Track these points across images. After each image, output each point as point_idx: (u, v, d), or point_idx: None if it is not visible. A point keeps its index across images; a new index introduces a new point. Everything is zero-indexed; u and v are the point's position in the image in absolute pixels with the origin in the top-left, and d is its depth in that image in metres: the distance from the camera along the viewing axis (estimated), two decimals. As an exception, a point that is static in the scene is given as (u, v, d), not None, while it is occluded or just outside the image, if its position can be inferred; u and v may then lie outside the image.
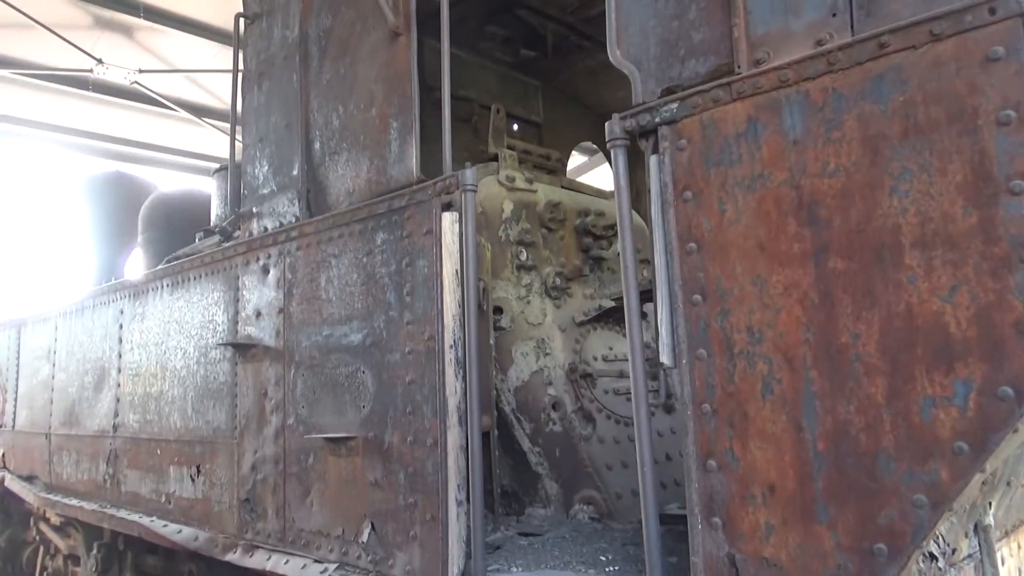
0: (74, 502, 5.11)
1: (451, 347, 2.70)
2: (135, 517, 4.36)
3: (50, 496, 5.44)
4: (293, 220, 3.53)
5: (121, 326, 4.88)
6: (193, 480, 4.00)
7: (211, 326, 3.98)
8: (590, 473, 3.45)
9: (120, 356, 4.84)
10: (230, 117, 4.22)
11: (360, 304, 3.08)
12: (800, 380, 1.91)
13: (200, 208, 7.47)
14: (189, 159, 13.23)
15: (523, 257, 3.84)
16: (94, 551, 5.32)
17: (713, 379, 2.08)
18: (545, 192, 4.10)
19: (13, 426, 6.35)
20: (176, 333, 4.27)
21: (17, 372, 6.40)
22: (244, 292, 3.76)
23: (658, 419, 3.98)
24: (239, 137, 4.03)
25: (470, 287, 2.64)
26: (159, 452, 4.30)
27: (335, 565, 2.98)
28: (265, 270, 3.64)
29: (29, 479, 6.03)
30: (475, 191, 2.70)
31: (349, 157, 3.30)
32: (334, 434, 3.08)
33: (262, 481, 3.49)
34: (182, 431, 4.12)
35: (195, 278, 4.18)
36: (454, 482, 2.62)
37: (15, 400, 6.38)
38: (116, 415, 4.79)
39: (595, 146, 6.73)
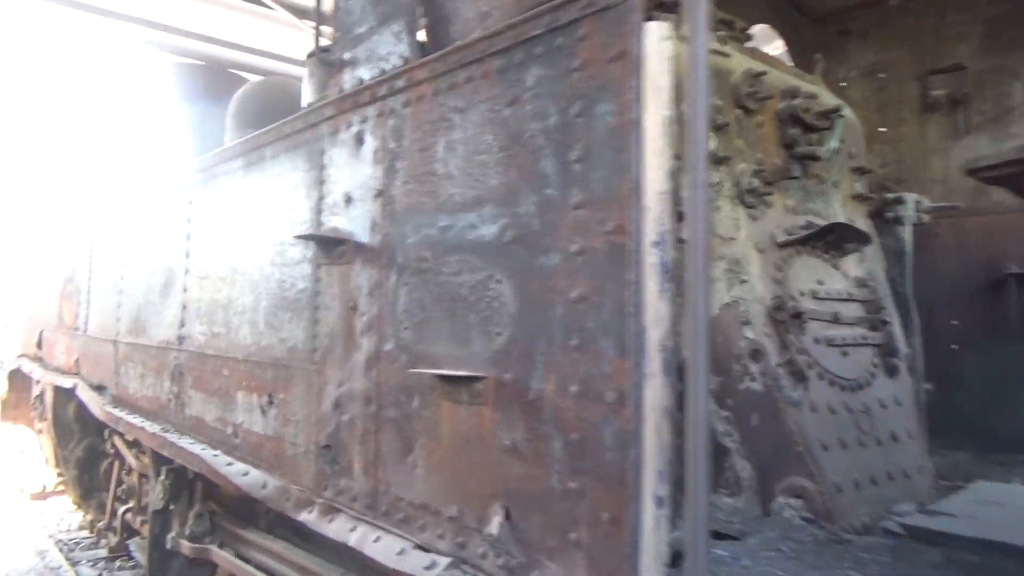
0: (138, 421, 4.42)
1: (655, 245, 1.63)
2: (198, 449, 3.58)
3: (115, 411, 4.79)
4: (399, 64, 2.49)
5: (189, 219, 4.03)
6: (264, 412, 3.14)
7: (289, 216, 3.04)
8: (800, 453, 2.37)
9: (187, 255, 4.01)
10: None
11: (496, 180, 2.04)
12: None
13: (294, 101, 6.61)
14: (280, 63, 12.34)
15: (711, 144, 2.69)
16: (162, 476, 4.66)
17: None
18: (741, 60, 2.90)
19: (85, 330, 5.76)
20: (250, 226, 3.37)
21: (90, 272, 5.76)
22: (330, 170, 2.78)
23: (878, 383, 2.86)
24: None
25: (698, 145, 1.54)
26: (226, 373, 3.47)
27: (447, 561, 2.04)
28: (358, 139, 2.63)
29: (99, 389, 5.42)
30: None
31: (485, -37, 2.20)
32: (451, 371, 2.10)
33: (348, 425, 2.58)
34: (252, 349, 3.26)
35: (272, 155, 3.24)
36: (652, 466, 1.59)
37: (87, 302, 5.76)
38: (182, 325, 4.00)
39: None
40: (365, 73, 2.65)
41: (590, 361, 1.72)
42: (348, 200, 2.66)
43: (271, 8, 10.60)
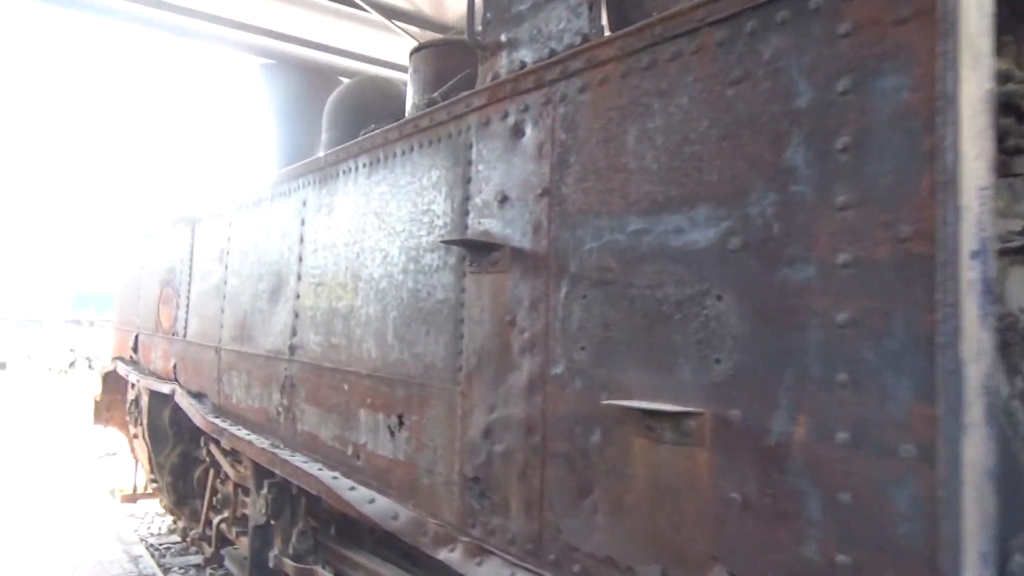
0: (243, 434, 4.22)
1: (975, 256, 1.25)
2: (314, 469, 3.33)
3: (217, 421, 4.62)
4: (576, 43, 2.16)
5: (303, 221, 3.81)
6: (393, 433, 2.86)
7: (426, 219, 2.75)
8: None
9: (300, 260, 3.79)
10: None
11: (715, 175, 1.68)
12: None
13: (396, 100, 6.41)
14: (373, 66, 12.23)
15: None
16: (264, 491, 4.46)
17: None
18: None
19: (184, 335, 5.64)
20: (374, 229, 3.10)
21: (190, 275, 5.65)
22: (479, 167, 2.48)
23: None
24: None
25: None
26: (346, 388, 3.21)
27: (651, 632, 1.69)
28: (517, 130, 2.32)
29: (198, 396, 5.29)
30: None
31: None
32: (654, 404, 1.75)
33: (503, 456, 2.26)
34: (378, 364, 2.98)
35: (403, 152, 2.96)
36: (974, 547, 1.21)
37: (187, 306, 5.65)
38: (294, 334, 3.77)
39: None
40: (528, 55, 2.33)
41: (870, 403, 1.35)
42: (503, 200, 2.35)
43: (363, 9, 10.49)
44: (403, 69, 8.76)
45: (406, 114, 4.25)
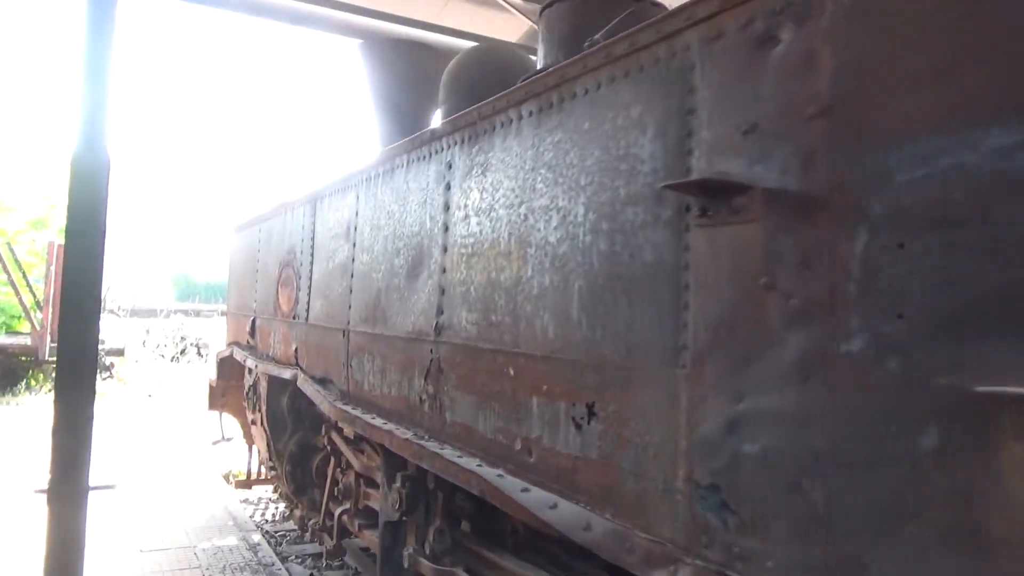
0: (379, 422, 3.85)
1: None
2: (471, 465, 2.90)
3: (347, 408, 4.28)
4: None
5: (448, 186, 3.38)
6: (579, 426, 2.38)
7: (624, 166, 2.25)
8: None
9: (446, 229, 3.36)
10: None
11: None
12: None
13: (518, 65, 5.96)
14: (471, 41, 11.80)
15: None
16: (397, 483, 4.09)
17: None
18: None
19: (307, 318, 5.36)
20: (548, 186, 2.62)
21: (312, 255, 5.36)
22: (705, 93, 1.96)
23: None
24: None
25: None
26: (512, 372, 2.76)
27: None
28: (768, 39, 1.78)
29: (322, 382, 4.99)
30: None
31: None
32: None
33: (759, 459, 1.73)
34: (558, 344, 2.51)
35: (586, 91, 2.47)
36: None
37: (309, 288, 5.37)
38: (440, 312, 3.35)
39: None
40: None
41: None
42: (750, 129, 1.82)
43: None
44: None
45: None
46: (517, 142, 2.84)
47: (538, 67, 4.41)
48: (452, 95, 5.75)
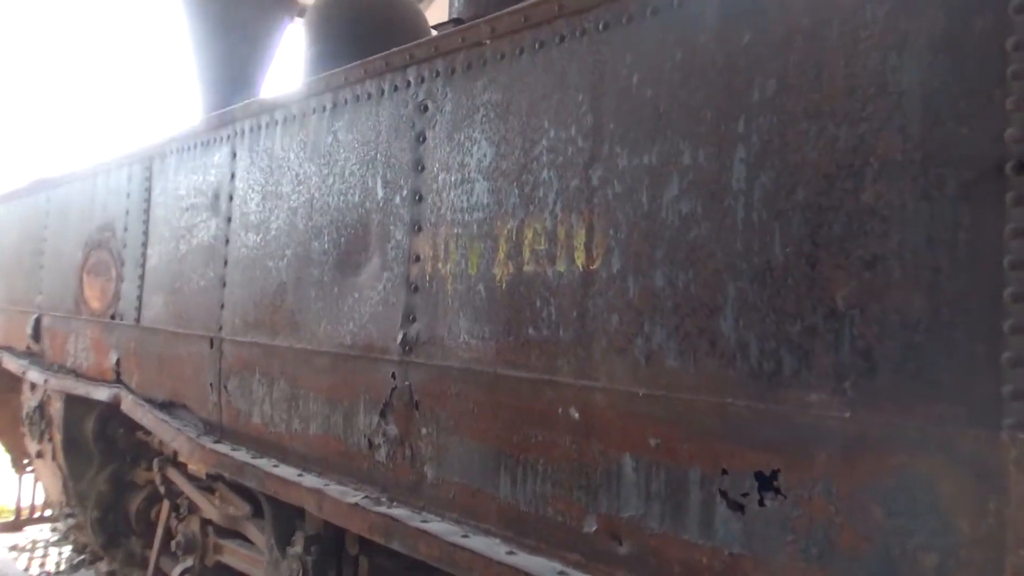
0: (286, 473, 2.70)
1: None
2: (499, 553, 1.92)
3: (225, 451, 3.04)
4: None
5: (422, 136, 2.34)
6: (739, 506, 1.51)
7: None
8: None
9: (419, 199, 2.32)
10: None
11: None
12: None
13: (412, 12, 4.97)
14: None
15: None
16: (297, 548, 2.97)
17: None
18: None
19: (138, 318, 3.94)
20: (676, 131, 1.72)
21: (146, 233, 3.95)
22: None
23: None
24: None
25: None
26: (576, 415, 1.81)
27: None
28: None
29: (169, 408, 3.65)
30: None
31: None
32: None
33: None
34: (685, 376, 1.61)
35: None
36: None
37: (141, 278, 3.95)
38: (410, 319, 2.31)
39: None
40: None
41: None
42: None
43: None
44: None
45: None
46: (593, 58, 1.89)
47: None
48: (321, 40, 4.61)
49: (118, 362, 4.13)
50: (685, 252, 1.64)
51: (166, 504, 4.42)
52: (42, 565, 6.28)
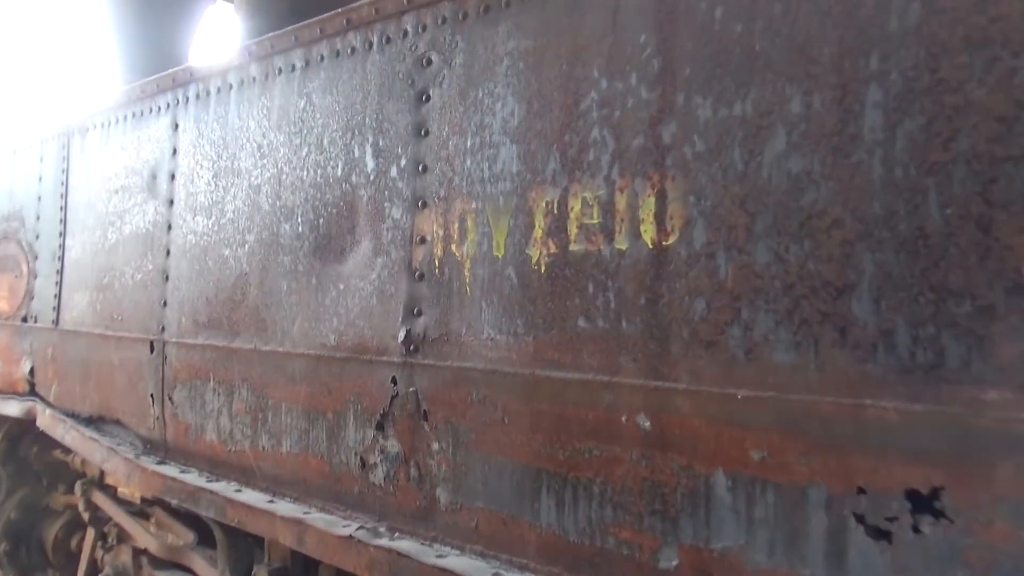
0: (255, 500, 2.27)
1: None
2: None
3: (174, 474, 2.57)
4: None
5: (425, 96, 1.96)
6: (883, 534, 1.21)
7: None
8: None
9: (423, 170, 1.94)
10: None
11: None
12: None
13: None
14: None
15: None
16: (261, 584, 2.53)
17: None
18: None
19: (56, 321, 3.39)
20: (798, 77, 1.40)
21: (63, 222, 3.39)
22: None
23: None
24: None
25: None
26: (647, 425, 1.49)
27: None
28: None
29: (98, 423, 3.13)
30: None
31: None
32: None
33: None
34: (800, 376, 1.31)
35: None
36: None
37: (59, 273, 3.40)
38: (415, 312, 1.93)
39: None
40: None
41: None
42: None
43: None
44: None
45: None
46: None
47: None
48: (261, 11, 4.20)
49: (32, 371, 3.55)
50: (799, 220, 1.33)
51: (91, 532, 3.86)
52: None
